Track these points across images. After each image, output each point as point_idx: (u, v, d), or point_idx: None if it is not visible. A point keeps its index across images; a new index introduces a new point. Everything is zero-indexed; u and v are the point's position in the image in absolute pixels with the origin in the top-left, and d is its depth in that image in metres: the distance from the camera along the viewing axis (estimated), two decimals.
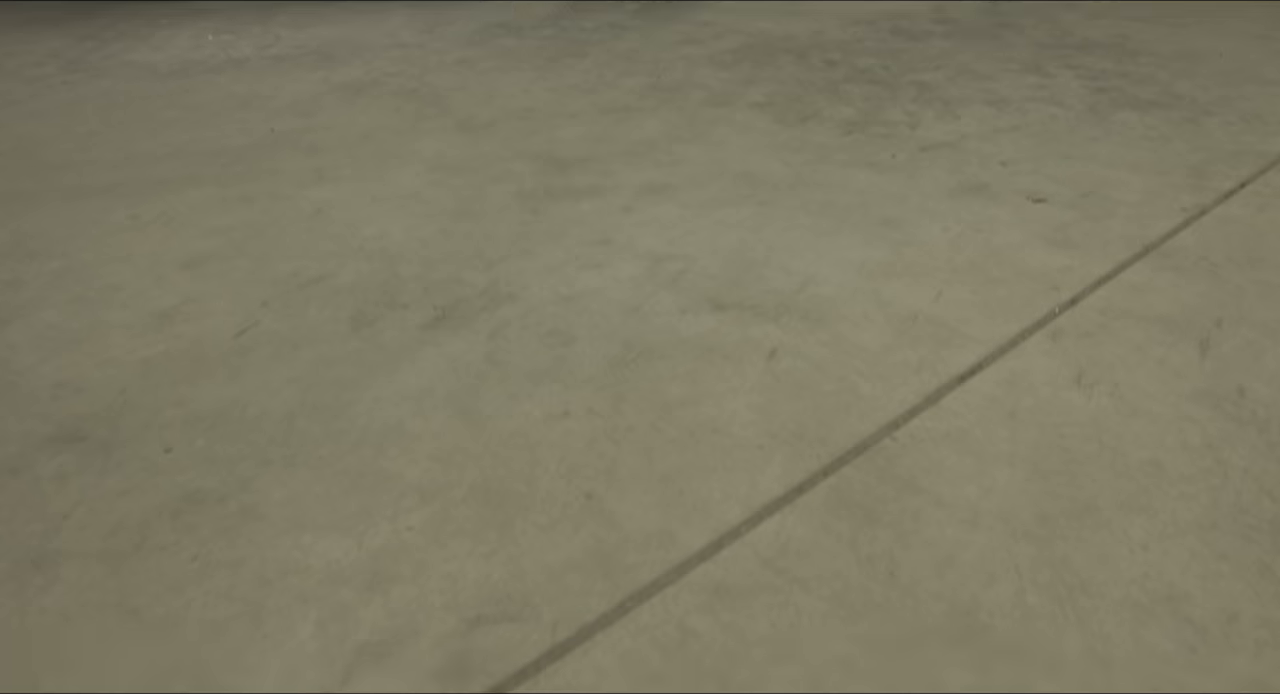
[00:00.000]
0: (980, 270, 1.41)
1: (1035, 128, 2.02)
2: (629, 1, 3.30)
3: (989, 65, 2.48)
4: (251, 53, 2.78)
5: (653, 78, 2.39)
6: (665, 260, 1.44)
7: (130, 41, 2.99)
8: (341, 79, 2.46)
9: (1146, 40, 2.76)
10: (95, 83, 2.54)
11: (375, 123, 2.11)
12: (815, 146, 1.92)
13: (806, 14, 3.10)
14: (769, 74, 2.41)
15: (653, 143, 1.94)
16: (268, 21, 3.19)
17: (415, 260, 1.46)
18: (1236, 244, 1.51)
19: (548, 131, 2.01)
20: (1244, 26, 2.95)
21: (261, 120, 2.16)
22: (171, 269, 1.47)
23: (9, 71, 2.70)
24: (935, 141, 1.94)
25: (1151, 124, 2.05)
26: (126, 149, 2.01)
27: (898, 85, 2.31)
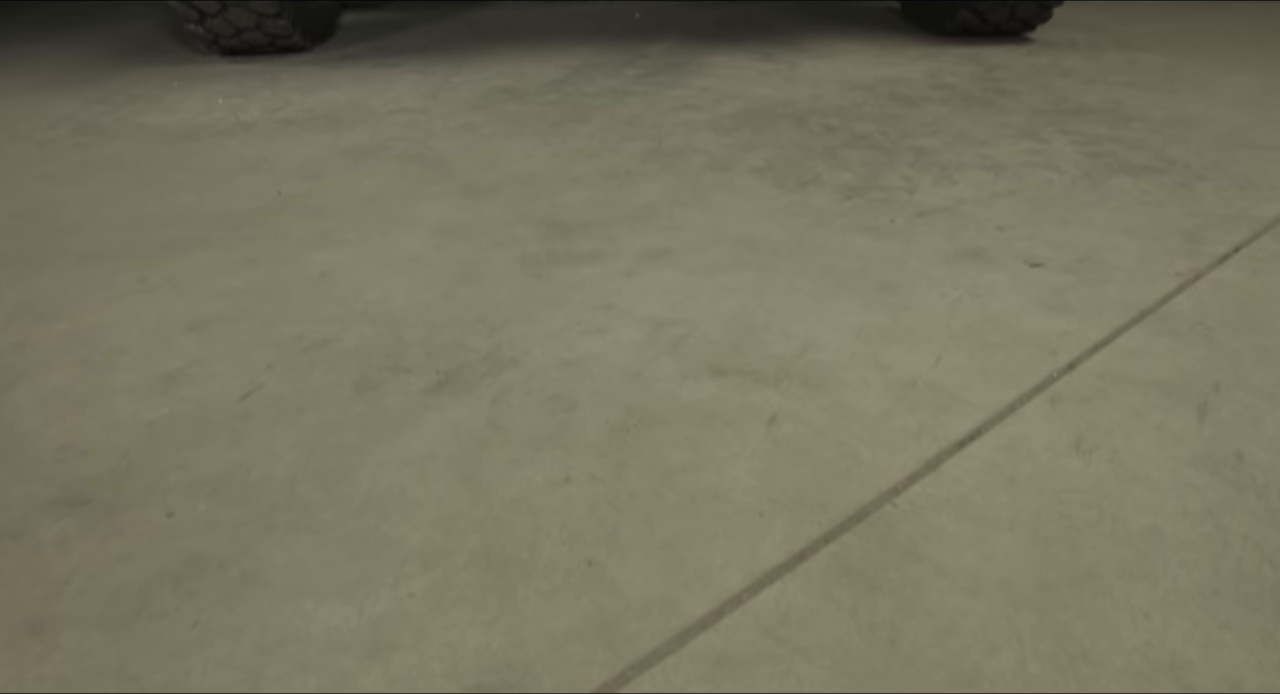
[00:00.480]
0: (978, 335, 1.43)
1: (1031, 193, 2.05)
2: (631, 67, 3.37)
3: (985, 130, 2.52)
4: (260, 116, 2.83)
5: (654, 143, 2.43)
6: (666, 325, 1.46)
7: (142, 104, 3.04)
8: (348, 143, 2.50)
9: (1139, 106, 2.81)
10: (107, 145, 2.58)
11: (380, 186, 2.15)
12: (814, 211, 1.94)
13: (805, 80, 3.16)
14: (768, 139, 2.46)
15: (654, 207, 1.97)
16: (276, 85, 3.25)
17: (419, 324, 1.48)
18: (1232, 308, 1.52)
19: (551, 196, 2.04)
20: (1235, 93, 3.00)
21: (269, 183, 2.19)
22: (178, 331, 1.49)
23: (22, 134, 2.74)
24: (933, 206, 1.96)
25: (1146, 189, 2.08)
26: (136, 211, 2.04)
27: (895, 150, 2.35)
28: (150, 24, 4.88)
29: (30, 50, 4.29)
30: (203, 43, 3.73)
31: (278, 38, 3.69)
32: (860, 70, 3.29)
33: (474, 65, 3.48)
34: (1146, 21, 4.60)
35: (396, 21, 4.68)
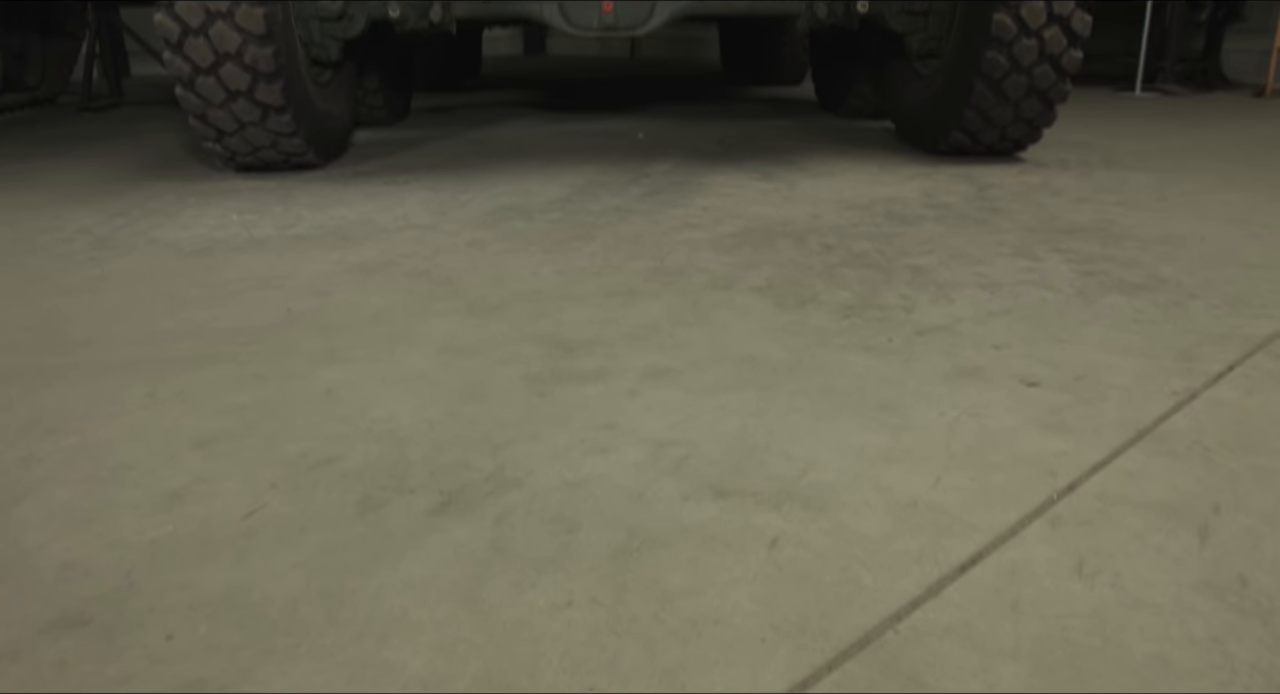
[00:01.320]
0: (977, 455, 1.44)
1: (1027, 311, 2.09)
2: (635, 186, 3.46)
3: (980, 249, 2.58)
4: (273, 232, 2.90)
5: (656, 261, 2.49)
6: (668, 445, 1.47)
7: (158, 219, 3.12)
8: (357, 259, 2.56)
9: (1130, 225, 2.88)
10: (122, 259, 2.65)
11: (388, 303, 2.19)
12: (814, 330, 1.98)
13: (804, 199, 3.25)
14: (768, 258, 2.52)
15: (656, 326, 2.01)
16: (289, 201, 3.34)
17: (423, 443, 1.50)
18: (1229, 428, 1.54)
19: (555, 314, 2.09)
20: (1223, 211, 3.08)
21: (279, 299, 2.24)
22: (184, 448, 1.50)
23: (41, 247, 2.81)
24: (930, 325, 2.00)
25: (1139, 307, 2.12)
26: (149, 326, 2.08)
27: (893, 269, 2.40)
28: (171, 139, 5.05)
29: (54, 164, 4.43)
30: (220, 159, 3.86)
31: (292, 155, 3.81)
32: (857, 189, 3.39)
33: (482, 183, 3.58)
34: (1134, 140, 4.74)
35: (407, 139, 4.84)
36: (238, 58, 3.40)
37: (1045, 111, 3.78)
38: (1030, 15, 3.50)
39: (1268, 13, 7.74)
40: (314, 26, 3.88)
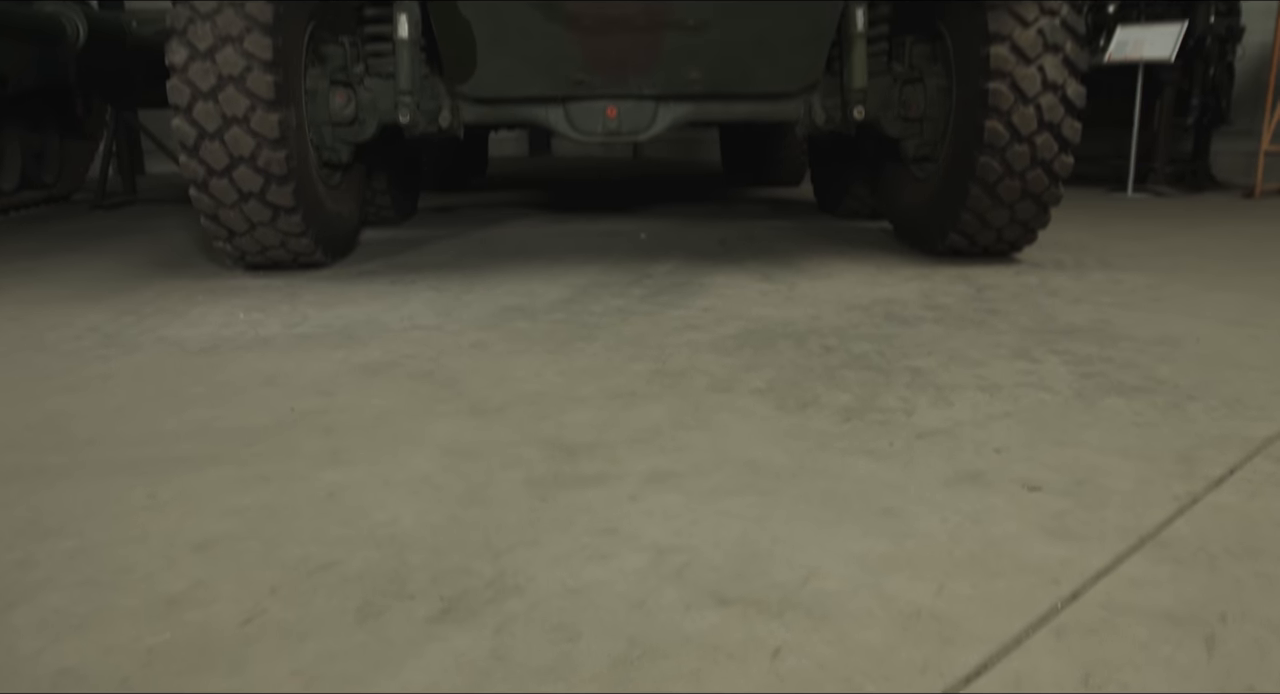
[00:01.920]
0: (980, 563, 1.43)
1: (1027, 414, 2.11)
2: (637, 287, 3.51)
3: (979, 351, 2.61)
4: (279, 331, 2.94)
5: (658, 363, 2.51)
6: (670, 552, 1.47)
7: (166, 317, 3.16)
8: (362, 359, 2.59)
9: (1126, 325, 2.91)
10: (129, 357, 2.67)
11: (391, 404, 2.21)
12: (815, 433, 1.99)
13: (804, 300, 3.29)
14: (769, 359, 2.54)
15: (658, 429, 2.02)
16: (296, 300, 3.39)
17: (424, 548, 1.49)
18: (1232, 534, 1.53)
19: (557, 416, 2.10)
20: (1217, 312, 3.12)
21: (283, 399, 2.26)
22: (184, 551, 1.50)
23: (49, 345, 2.84)
24: (931, 428, 2.01)
25: (1138, 409, 2.13)
26: (152, 426, 2.09)
27: (892, 371, 2.42)
28: (182, 237, 5.14)
29: (67, 260, 4.51)
30: (229, 258, 3.93)
31: (300, 255, 3.88)
32: (856, 290, 3.44)
33: (486, 283, 3.64)
34: (1128, 240, 4.82)
35: (414, 239, 4.93)
36: (251, 161, 3.50)
37: (1039, 214, 3.86)
38: (1021, 122, 3.61)
39: (1253, 116, 7.96)
40: (326, 130, 3.99)
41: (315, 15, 3.88)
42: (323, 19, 3.96)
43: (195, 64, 3.43)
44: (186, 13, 3.45)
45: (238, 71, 3.41)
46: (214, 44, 3.42)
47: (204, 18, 3.43)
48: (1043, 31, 3.59)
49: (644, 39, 3.70)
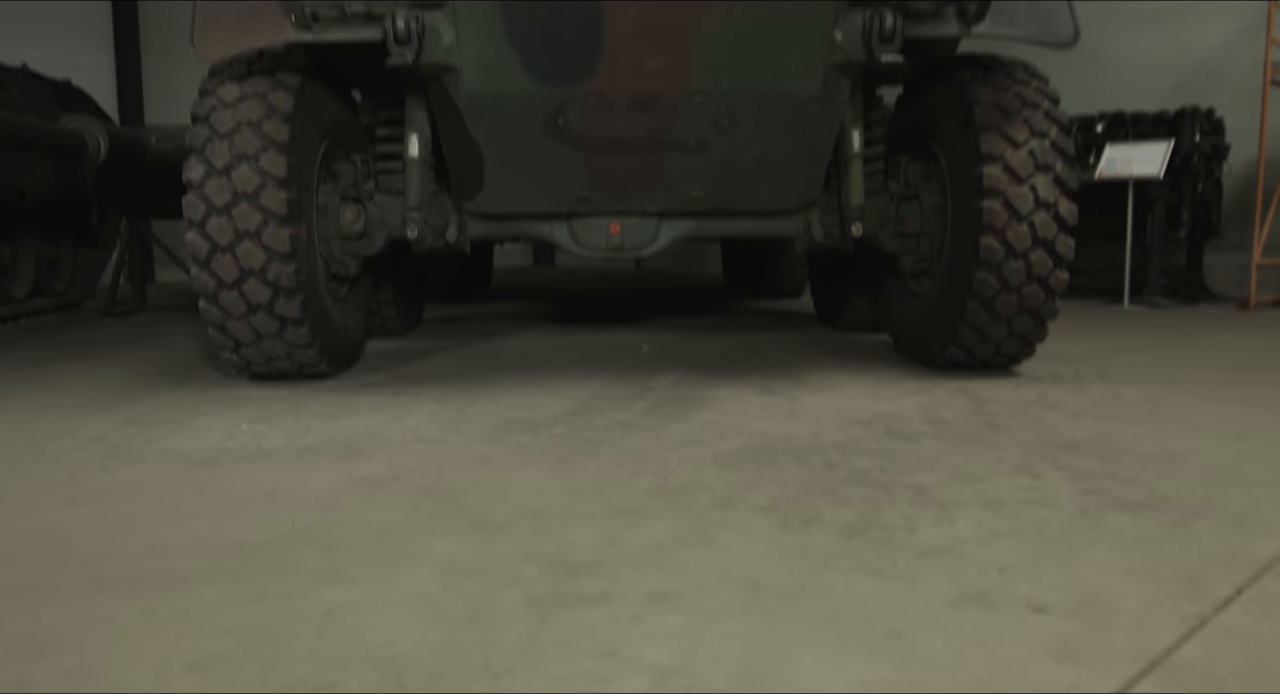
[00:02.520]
0: (986, 687, 1.41)
1: (1030, 532, 2.10)
2: (639, 400, 3.54)
3: (980, 466, 2.61)
4: (282, 443, 2.95)
5: (660, 479, 2.51)
6: (671, 674, 1.45)
7: (170, 427, 3.18)
8: (364, 472, 2.59)
9: (1127, 440, 2.91)
10: (132, 468, 2.68)
11: (392, 520, 2.20)
12: (818, 552, 1.98)
13: (805, 414, 3.30)
14: (771, 475, 2.54)
15: (660, 547, 2.01)
16: (300, 411, 3.40)
17: (422, 670, 1.47)
18: (1241, 658, 1.51)
19: (559, 533, 2.09)
20: (1218, 425, 3.13)
21: (284, 513, 2.25)
22: (179, 671, 1.48)
23: (52, 455, 2.85)
24: (934, 546, 2.00)
25: (1143, 527, 2.12)
26: (152, 539, 2.08)
27: (894, 487, 2.42)
28: (189, 346, 5.20)
29: (74, 368, 4.55)
30: (235, 369, 3.96)
31: (305, 366, 3.92)
32: (857, 404, 3.46)
33: (489, 396, 3.66)
34: (1125, 352, 4.87)
35: (418, 350, 4.98)
36: (261, 274, 3.57)
37: (1037, 328, 3.91)
38: (1016, 239, 3.69)
39: (1243, 229, 8.12)
40: (335, 244, 4.08)
41: (330, 134, 4.02)
42: (336, 138, 4.09)
43: (212, 181, 3.54)
44: (205, 132, 3.57)
45: (252, 188, 3.51)
46: (230, 162, 3.53)
47: (222, 137, 3.55)
48: (1033, 152, 3.71)
49: (647, 159, 3.82)
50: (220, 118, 3.57)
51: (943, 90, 4.03)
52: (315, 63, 3.86)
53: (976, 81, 3.85)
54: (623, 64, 3.34)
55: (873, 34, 3.34)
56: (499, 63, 3.35)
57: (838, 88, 3.61)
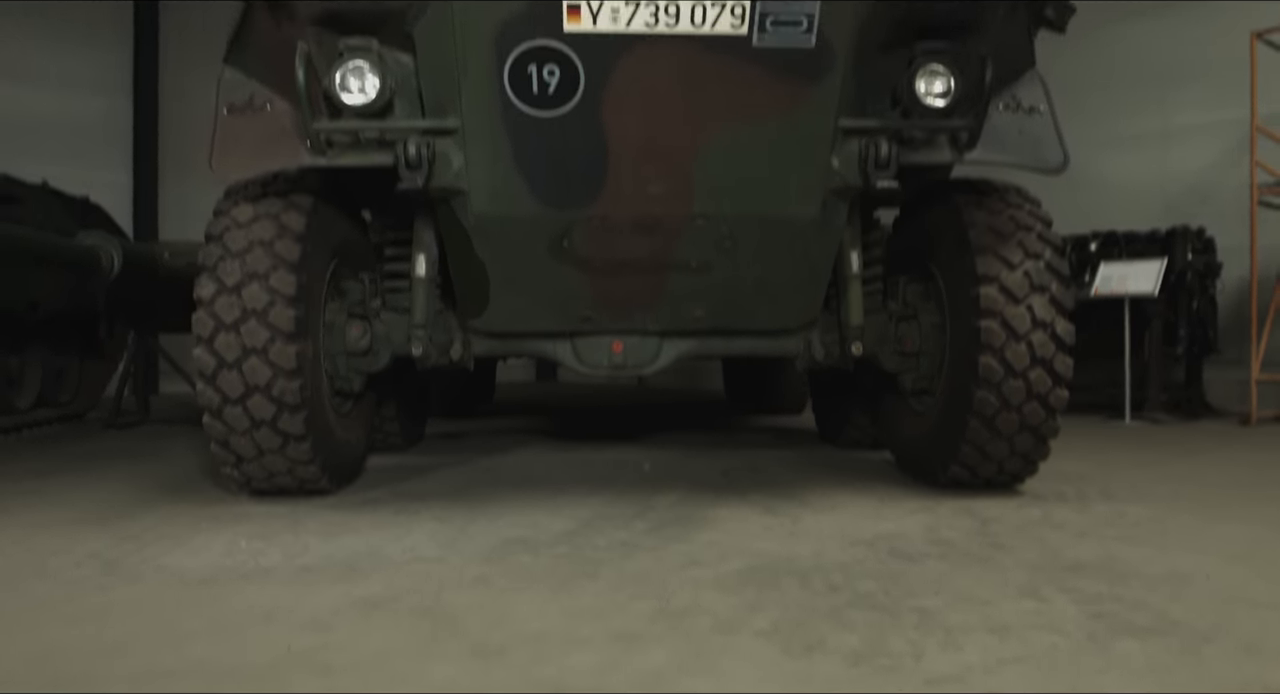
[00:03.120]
0: None
1: (1038, 658, 2.06)
2: (640, 520, 3.52)
3: (986, 589, 2.58)
4: (280, 561, 2.93)
5: (661, 602, 2.48)
6: None
7: (168, 544, 3.16)
8: (362, 593, 2.57)
9: (1133, 561, 2.89)
10: (129, 587, 2.65)
11: (390, 643, 2.18)
12: (822, 680, 1.95)
13: (808, 535, 3.29)
14: (773, 598, 2.51)
15: (660, 674, 1.98)
16: (299, 529, 3.39)
17: None
18: None
19: (559, 659, 2.06)
20: (1224, 546, 3.11)
21: (281, 634, 2.23)
22: None
23: (50, 572, 2.83)
24: (941, 674, 1.97)
25: (1152, 653, 2.09)
26: (149, 663, 2.05)
27: (899, 611, 2.39)
28: (190, 460, 5.19)
29: (74, 482, 4.54)
30: (235, 484, 3.95)
31: (306, 482, 3.91)
32: (860, 524, 3.44)
33: (490, 514, 3.64)
34: (1128, 469, 4.86)
35: (419, 466, 4.97)
36: (266, 390, 3.60)
37: (1039, 446, 3.92)
38: (1015, 358, 3.73)
39: (1240, 345, 8.20)
40: (340, 360, 4.13)
41: (339, 253, 4.12)
42: (345, 256, 4.19)
43: (222, 298, 3.60)
44: (218, 251, 3.66)
45: (261, 306, 3.58)
46: (241, 280, 3.60)
47: (234, 256, 3.63)
48: (1029, 273, 3.79)
49: (650, 279, 3.90)
50: (233, 237, 3.66)
51: (939, 213, 4.14)
52: (328, 184, 3.99)
53: (971, 205, 3.96)
54: (626, 188, 3.45)
55: (869, 161, 3.45)
56: (506, 187, 3.45)
57: (836, 211, 3.72)
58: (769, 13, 3.11)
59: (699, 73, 3.21)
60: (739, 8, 3.09)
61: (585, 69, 3.17)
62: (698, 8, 3.08)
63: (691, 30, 3.11)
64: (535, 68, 3.18)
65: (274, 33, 3.43)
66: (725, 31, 3.12)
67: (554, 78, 3.19)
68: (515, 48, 3.15)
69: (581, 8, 3.07)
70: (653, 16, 3.08)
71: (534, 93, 3.22)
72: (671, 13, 3.08)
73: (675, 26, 3.10)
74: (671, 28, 3.10)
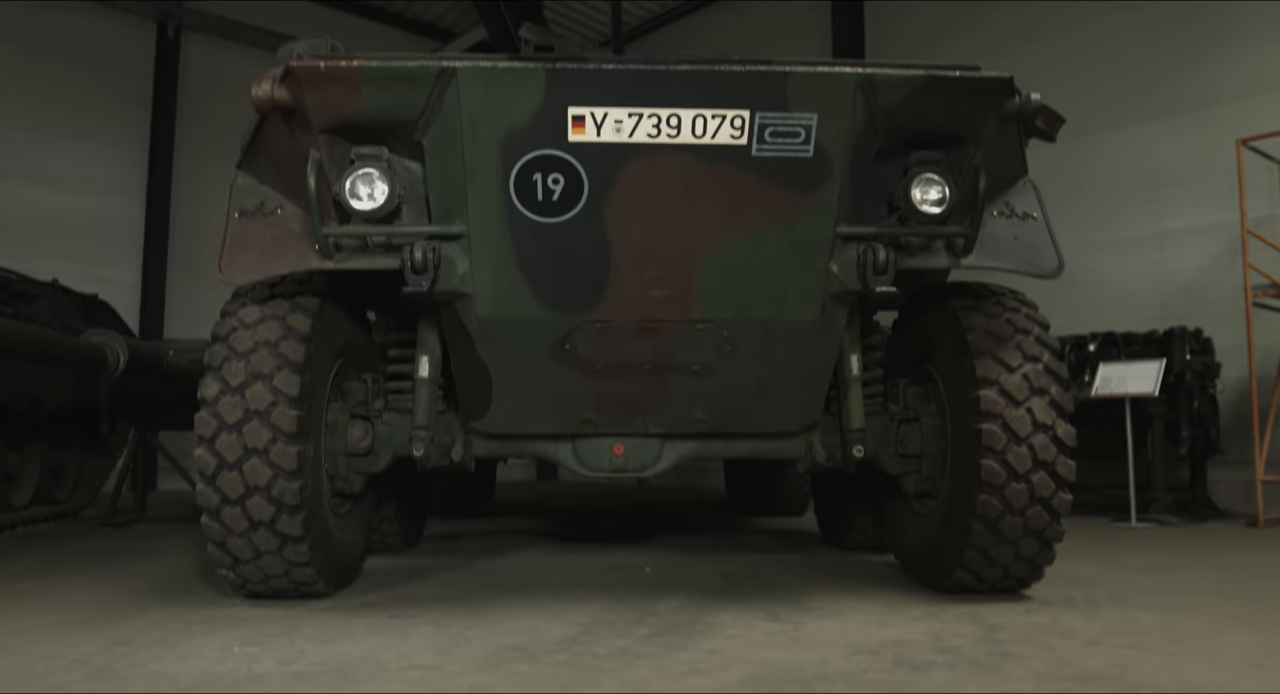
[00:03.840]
0: None
1: None
2: (641, 626, 3.47)
3: None
4: (273, 667, 2.88)
5: None
6: None
7: (160, 649, 3.10)
8: None
9: (1145, 671, 2.83)
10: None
11: None
12: None
13: (811, 642, 3.23)
14: None
15: None
16: (293, 633, 3.33)
17: None
18: None
19: None
20: (1238, 654, 3.04)
21: None
22: None
23: (36, 676, 2.78)
24: None
25: None
26: None
27: None
28: (185, 559, 5.14)
29: (67, 582, 4.48)
30: (230, 586, 3.90)
31: (303, 584, 3.86)
32: (864, 631, 3.38)
33: (488, 619, 3.58)
34: (1137, 574, 4.78)
35: (417, 568, 4.91)
36: (266, 491, 3.59)
37: (1044, 550, 3.88)
38: (1017, 461, 3.72)
39: (1243, 445, 8.17)
40: (341, 461, 4.12)
41: (343, 354, 4.15)
42: (349, 357, 4.22)
43: (225, 398, 3.62)
44: (224, 351, 3.70)
45: (264, 406, 3.59)
46: (246, 380, 3.63)
47: (240, 356, 3.67)
48: (1028, 376, 3.81)
49: (651, 383, 3.92)
50: (239, 338, 3.70)
51: (937, 316, 4.19)
52: (334, 285, 4.04)
53: (968, 308, 4.01)
54: (628, 293, 3.50)
55: (867, 266, 3.51)
56: (510, 291, 3.51)
57: (835, 316, 3.76)
58: (768, 124, 3.21)
59: (700, 181, 3.29)
60: (739, 119, 3.19)
61: (589, 177, 3.26)
62: (699, 119, 3.18)
63: (693, 141, 3.20)
64: (540, 176, 3.27)
65: (288, 141, 3.53)
66: (725, 142, 3.22)
67: (559, 186, 3.28)
68: (521, 156, 3.25)
69: (586, 119, 3.18)
70: (655, 128, 3.18)
71: (539, 200, 3.30)
72: (673, 124, 3.18)
73: (677, 137, 3.20)
74: (673, 139, 3.20)
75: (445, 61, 3.17)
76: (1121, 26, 9.92)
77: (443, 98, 3.21)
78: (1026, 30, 10.56)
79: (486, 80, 3.16)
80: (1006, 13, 10.80)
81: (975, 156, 3.49)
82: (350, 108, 3.28)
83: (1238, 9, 9.14)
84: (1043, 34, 10.42)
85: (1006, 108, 3.43)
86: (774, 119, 3.20)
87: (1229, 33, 9.21)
